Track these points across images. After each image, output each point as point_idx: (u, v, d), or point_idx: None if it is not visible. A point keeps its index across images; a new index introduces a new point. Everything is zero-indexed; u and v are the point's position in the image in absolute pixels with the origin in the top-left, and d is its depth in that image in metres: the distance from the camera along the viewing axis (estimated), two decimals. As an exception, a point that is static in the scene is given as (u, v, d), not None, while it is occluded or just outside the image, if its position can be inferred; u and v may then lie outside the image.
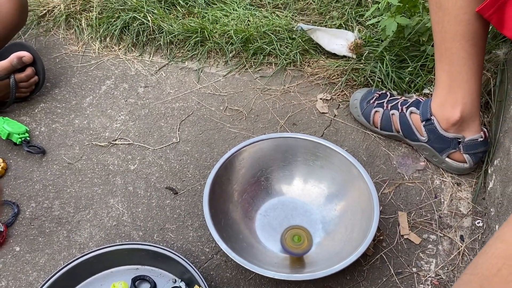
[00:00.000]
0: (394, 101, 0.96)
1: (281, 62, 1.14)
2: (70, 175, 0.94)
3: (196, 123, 1.03)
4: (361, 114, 0.99)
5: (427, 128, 0.89)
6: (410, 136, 0.93)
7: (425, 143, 0.91)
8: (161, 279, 0.77)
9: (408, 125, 0.92)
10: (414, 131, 0.91)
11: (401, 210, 0.87)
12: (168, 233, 0.85)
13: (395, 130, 0.95)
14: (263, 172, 0.88)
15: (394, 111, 0.94)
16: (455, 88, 0.84)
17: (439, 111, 0.87)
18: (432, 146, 0.90)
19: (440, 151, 0.90)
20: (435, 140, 0.89)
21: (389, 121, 0.95)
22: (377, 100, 0.98)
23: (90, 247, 0.83)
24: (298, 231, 0.77)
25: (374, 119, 0.97)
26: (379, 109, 0.96)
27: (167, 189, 0.91)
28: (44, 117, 1.05)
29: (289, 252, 0.76)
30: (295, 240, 0.76)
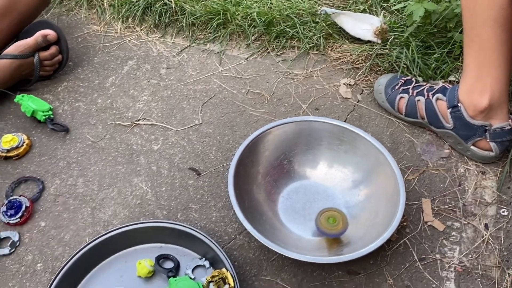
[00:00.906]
0: (420, 88, 0.94)
1: (304, 46, 1.13)
2: (93, 153, 0.94)
3: (218, 106, 1.03)
4: (386, 100, 0.98)
5: (453, 115, 0.88)
6: (435, 123, 0.92)
7: (451, 131, 0.90)
8: (185, 257, 0.78)
9: (434, 112, 0.91)
10: (440, 118, 0.90)
11: (425, 197, 0.87)
12: (191, 212, 0.85)
13: (420, 117, 0.94)
14: (286, 155, 0.88)
15: (420, 97, 0.93)
16: (484, 75, 0.83)
17: (466, 98, 0.86)
18: (458, 133, 0.89)
19: (465, 138, 0.89)
20: (461, 127, 0.88)
21: (414, 108, 0.94)
22: (402, 86, 0.97)
23: (114, 224, 0.83)
24: (333, 213, 0.77)
25: (399, 105, 0.96)
26: (405, 95, 0.95)
27: (190, 169, 0.91)
28: (67, 96, 1.05)
29: (323, 233, 0.76)
30: (330, 222, 0.76)
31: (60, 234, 0.83)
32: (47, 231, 0.83)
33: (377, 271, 0.78)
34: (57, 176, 0.91)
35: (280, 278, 0.77)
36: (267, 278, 0.77)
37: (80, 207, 0.86)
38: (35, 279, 0.77)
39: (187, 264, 0.77)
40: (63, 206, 0.86)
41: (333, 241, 0.79)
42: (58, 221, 0.84)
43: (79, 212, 0.86)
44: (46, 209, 0.86)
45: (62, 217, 0.85)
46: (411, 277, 0.77)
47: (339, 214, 0.78)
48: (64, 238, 0.82)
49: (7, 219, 0.83)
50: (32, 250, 0.81)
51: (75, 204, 0.87)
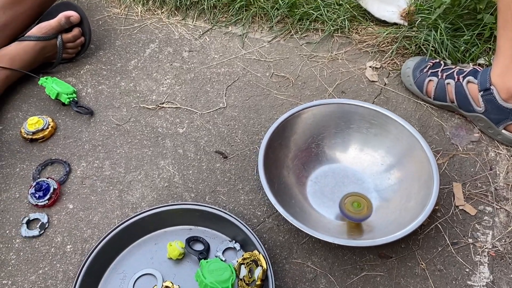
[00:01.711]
0: (449, 71, 0.93)
1: (328, 28, 1.11)
2: (119, 136, 0.94)
3: (242, 89, 1.02)
4: (414, 83, 0.96)
5: (485, 99, 0.86)
6: (465, 107, 0.90)
7: (481, 114, 0.88)
8: (214, 240, 0.78)
9: (464, 95, 0.89)
10: (471, 101, 0.88)
11: (456, 181, 0.85)
12: (219, 195, 0.84)
13: (449, 100, 0.92)
14: (314, 139, 0.87)
15: (450, 80, 0.91)
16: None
17: (499, 80, 0.84)
18: (489, 117, 0.87)
19: (496, 122, 0.87)
20: (492, 111, 0.86)
21: (443, 91, 0.92)
22: (431, 69, 0.95)
23: (142, 207, 0.83)
24: (358, 198, 0.76)
25: (428, 88, 0.94)
26: (433, 78, 0.93)
27: (217, 153, 0.91)
28: (90, 79, 1.04)
29: (348, 216, 0.75)
30: (355, 206, 0.75)
31: (88, 216, 0.82)
32: (75, 213, 0.83)
33: (409, 255, 0.77)
34: (83, 158, 0.90)
35: (310, 261, 0.77)
36: (297, 261, 0.77)
37: (108, 190, 0.86)
38: (65, 260, 0.77)
39: (218, 247, 0.77)
40: (91, 189, 0.86)
41: (354, 226, 0.78)
42: (86, 203, 0.84)
43: (106, 194, 0.85)
44: (73, 191, 0.86)
45: (89, 199, 0.85)
46: (443, 261, 0.76)
47: (365, 200, 0.77)
48: (92, 220, 0.82)
49: (35, 201, 0.82)
50: (61, 232, 0.81)
51: (102, 186, 0.86)
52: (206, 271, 0.70)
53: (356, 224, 0.78)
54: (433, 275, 0.75)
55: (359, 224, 0.79)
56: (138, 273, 0.74)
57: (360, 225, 0.78)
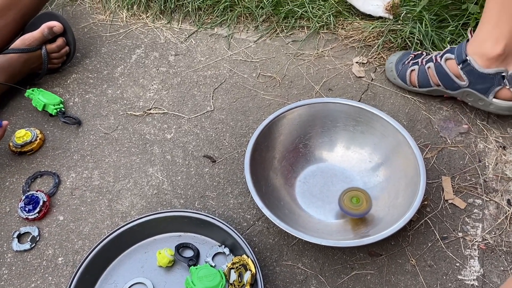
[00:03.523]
0: (429, 56, 0.92)
1: (314, 25, 1.10)
2: (107, 145, 0.94)
3: (230, 91, 1.02)
4: (397, 76, 0.95)
5: (465, 71, 0.85)
6: (450, 85, 0.89)
7: (468, 88, 0.87)
8: (204, 245, 0.78)
9: (445, 73, 0.88)
10: (453, 78, 0.88)
11: (445, 175, 0.85)
12: (208, 200, 0.85)
13: (434, 84, 0.91)
14: (301, 139, 0.87)
15: (429, 63, 0.91)
16: (504, 21, 0.79)
17: (478, 49, 0.83)
18: (475, 88, 0.86)
19: (484, 92, 0.85)
20: (476, 81, 0.85)
21: (425, 76, 0.91)
22: (412, 60, 0.94)
23: (132, 215, 0.83)
24: (357, 193, 0.76)
25: (411, 78, 0.94)
26: (415, 67, 0.93)
27: (205, 157, 0.91)
28: (77, 88, 1.04)
29: (347, 212, 0.75)
30: (354, 202, 0.75)
31: (79, 227, 0.83)
32: (65, 225, 0.83)
33: (399, 252, 0.77)
34: (72, 169, 0.91)
35: (301, 263, 0.77)
36: (288, 263, 0.77)
37: (97, 200, 0.86)
38: (57, 273, 0.78)
39: (207, 252, 0.77)
40: (80, 199, 0.86)
41: (358, 221, 0.78)
42: (76, 214, 0.84)
43: (96, 204, 0.85)
44: (63, 202, 0.86)
45: (79, 210, 0.85)
46: (433, 257, 0.76)
47: (363, 194, 0.77)
48: (83, 231, 0.82)
49: (25, 214, 0.83)
50: (52, 244, 0.81)
51: (92, 196, 0.87)
52: (196, 277, 0.71)
53: (360, 220, 0.78)
54: (424, 271, 0.75)
55: (363, 218, 0.78)
56: (129, 282, 0.74)
57: (364, 219, 0.78)
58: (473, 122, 0.92)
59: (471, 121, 0.92)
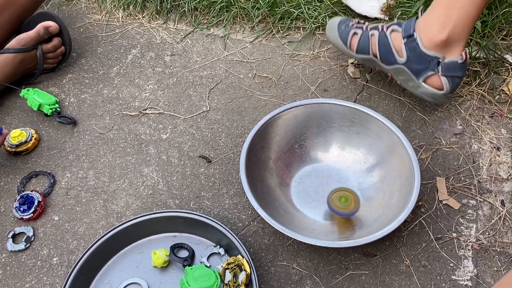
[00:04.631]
0: (375, 24, 0.92)
1: (310, 26, 1.11)
2: (102, 145, 0.94)
3: (225, 91, 1.02)
4: (338, 36, 0.94)
5: (408, 46, 0.85)
6: (387, 59, 0.89)
7: (403, 65, 0.87)
8: (199, 246, 0.78)
9: (387, 44, 0.88)
10: (393, 51, 0.87)
11: (439, 176, 0.85)
12: (204, 201, 0.85)
13: (371, 53, 0.90)
14: (297, 139, 0.87)
15: (374, 31, 0.90)
16: (453, 8, 0.80)
17: (425, 28, 0.83)
18: (410, 67, 0.86)
19: (417, 73, 0.86)
20: (414, 60, 0.85)
21: (367, 43, 0.90)
22: (357, 24, 0.94)
23: (127, 215, 0.83)
24: (345, 193, 0.77)
25: (352, 41, 0.93)
26: (358, 30, 0.92)
27: (201, 157, 0.91)
28: (73, 88, 1.04)
29: (335, 212, 0.76)
30: (342, 201, 0.76)
31: (74, 228, 0.83)
32: (60, 225, 0.83)
33: (393, 252, 0.77)
34: (68, 169, 0.90)
35: (296, 263, 0.77)
36: (283, 263, 0.77)
37: (92, 200, 0.86)
38: (51, 273, 0.77)
39: (202, 252, 0.77)
40: (75, 199, 0.86)
41: (344, 222, 0.78)
42: (71, 214, 0.84)
43: (91, 204, 0.85)
44: (58, 203, 0.86)
45: (74, 210, 0.85)
46: (428, 257, 0.76)
47: (352, 195, 0.77)
48: (78, 231, 0.82)
49: (20, 214, 0.83)
50: (47, 244, 0.81)
51: (87, 196, 0.86)
52: (191, 278, 0.71)
53: (346, 220, 0.79)
54: (418, 271, 0.75)
55: (349, 219, 0.79)
56: (124, 282, 0.74)
57: (351, 220, 0.78)
58: (468, 123, 0.92)
59: (466, 122, 0.92)
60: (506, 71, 0.98)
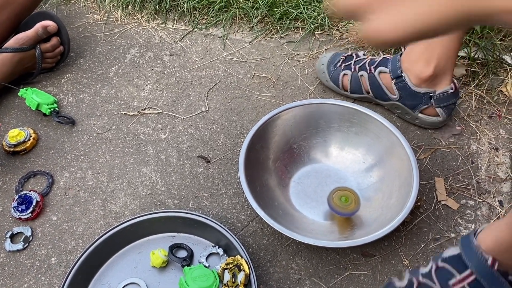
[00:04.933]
0: (361, 62, 0.94)
1: (309, 27, 1.11)
2: (101, 144, 0.94)
3: (224, 91, 1.02)
4: (330, 79, 0.97)
5: (398, 86, 0.87)
6: (381, 96, 0.92)
7: (397, 101, 0.90)
8: (198, 246, 0.78)
9: (378, 85, 0.90)
10: (385, 90, 0.90)
11: (438, 176, 0.85)
12: (203, 201, 0.85)
13: (365, 92, 0.93)
14: (296, 140, 0.87)
15: (363, 72, 0.92)
16: (435, 43, 0.82)
17: (411, 66, 0.85)
18: (404, 103, 0.89)
19: (412, 108, 0.89)
20: (406, 97, 0.88)
21: (358, 83, 0.93)
22: (344, 63, 0.96)
23: (126, 215, 0.83)
24: (346, 193, 0.77)
25: (343, 82, 0.95)
26: (347, 72, 0.94)
27: (199, 157, 0.91)
28: (71, 87, 1.04)
29: (335, 211, 0.76)
30: (343, 201, 0.76)
31: (72, 228, 0.82)
32: (59, 225, 0.83)
33: (392, 253, 0.77)
34: (66, 169, 0.90)
35: (295, 263, 0.77)
36: (282, 263, 0.77)
37: (91, 200, 0.86)
38: (50, 273, 0.77)
39: (201, 253, 0.77)
40: (74, 199, 0.86)
41: (344, 221, 0.78)
42: (69, 214, 0.84)
43: (90, 204, 0.85)
44: (56, 202, 0.86)
45: (73, 210, 0.85)
46: (426, 257, 0.76)
47: (352, 194, 0.77)
48: (76, 231, 0.82)
49: (18, 214, 0.82)
50: (45, 244, 0.81)
51: (85, 196, 0.86)
52: (189, 278, 0.71)
53: (346, 220, 0.79)
54: (417, 272, 0.75)
55: (349, 219, 0.79)
56: (122, 283, 0.74)
57: (350, 220, 0.78)
58: (466, 124, 0.92)
59: (464, 123, 0.93)
60: (504, 72, 0.99)
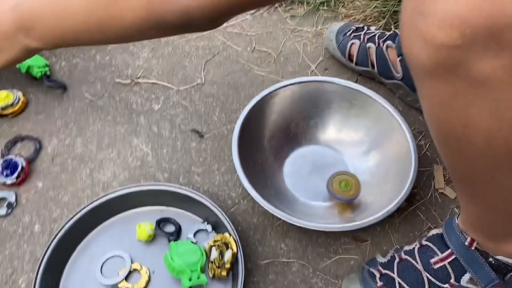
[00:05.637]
0: (371, 34, 0.90)
1: (314, 1, 1.07)
2: (92, 112, 0.90)
3: (222, 64, 0.98)
4: (337, 47, 0.93)
5: (402, 63, 0.84)
6: (385, 73, 0.88)
7: (400, 81, 0.86)
8: (187, 221, 0.76)
9: (385, 59, 0.87)
10: (391, 67, 0.86)
11: (437, 164, 0.83)
12: (194, 176, 0.82)
13: (370, 65, 0.90)
14: (293, 118, 0.84)
15: (371, 44, 0.89)
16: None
17: None
18: (407, 83, 0.86)
19: (414, 89, 0.84)
20: (410, 76, 0.83)
21: (365, 55, 0.90)
22: (354, 33, 0.92)
23: (113, 186, 0.81)
24: (346, 177, 0.75)
25: (350, 51, 0.92)
26: (356, 41, 0.91)
27: (193, 131, 0.88)
28: (64, 51, 1.00)
29: (334, 196, 0.74)
30: (342, 186, 0.74)
31: (58, 196, 0.80)
32: (44, 192, 0.81)
33: (384, 239, 0.76)
34: (55, 135, 0.87)
35: (284, 244, 0.75)
36: (271, 243, 0.75)
37: (79, 168, 0.83)
38: (32, 240, 0.75)
39: (189, 228, 0.75)
40: (61, 167, 0.83)
41: (346, 205, 0.76)
42: (56, 182, 0.82)
43: (77, 173, 0.83)
44: (43, 169, 0.83)
45: (60, 178, 0.82)
46: (419, 246, 0.75)
47: (352, 179, 0.75)
48: (62, 200, 0.80)
49: (3, 179, 0.80)
50: (29, 211, 0.78)
51: (73, 164, 0.84)
52: (175, 253, 0.69)
53: (347, 204, 0.77)
54: (408, 260, 0.73)
55: (349, 205, 0.77)
56: (106, 254, 0.72)
57: (351, 204, 0.76)
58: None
59: (468, 110, 0.90)
60: None
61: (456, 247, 0.61)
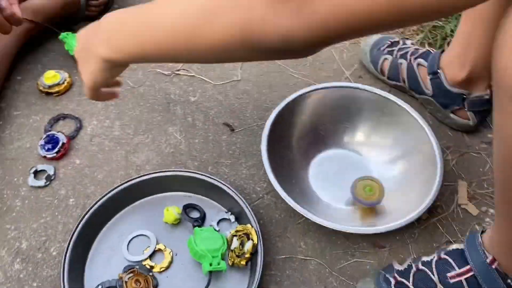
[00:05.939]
0: (404, 50, 0.92)
1: (354, 11, 1.08)
2: (132, 98, 0.95)
3: (259, 64, 1.01)
4: (370, 62, 0.96)
5: (433, 82, 0.85)
6: (416, 89, 0.90)
7: (430, 97, 0.88)
8: (211, 209, 0.79)
9: (415, 76, 0.89)
10: (421, 83, 0.88)
11: (462, 179, 0.84)
12: (222, 167, 0.85)
13: (401, 80, 0.92)
14: (323, 121, 0.86)
15: (402, 60, 0.91)
16: (472, 48, 0.79)
17: (447, 65, 0.83)
18: (437, 101, 0.87)
19: (444, 106, 0.87)
20: (440, 94, 0.86)
21: (396, 70, 0.92)
22: (388, 48, 0.94)
23: (146, 169, 0.85)
24: (371, 183, 0.76)
25: (382, 66, 0.94)
26: (389, 56, 0.93)
27: (224, 125, 0.91)
28: (110, 39, 1.05)
29: (357, 200, 0.75)
30: (367, 190, 0.75)
31: (93, 173, 0.85)
32: (81, 169, 0.85)
33: (402, 247, 0.77)
34: (95, 116, 0.92)
35: (303, 242, 0.77)
36: (290, 240, 0.77)
37: (115, 149, 0.88)
38: (66, 213, 0.80)
39: (213, 216, 0.78)
40: (99, 147, 0.88)
41: (368, 211, 0.78)
42: (92, 160, 0.86)
43: (113, 154, 0.87)
44: (82, 147, 0.88)
45: (96, 157, 0.87)
46: (437, 258, 0.75)
47: (377, 184, 0.76)
48: (97, 177, 0.84)
49: (44, 152, 0.85)
50: (65, 185, 0.83)
51: (110, 145, 0.88)
52: (199, 238, 0.72)
53: (369, 209, 0.78)
54: (424, 270, 0.74)
55: (372, 209, 0.78)
56: (133, 232, 0.76)
57: (373, 209, 0.78)
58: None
59: (499, 130, 0.90)
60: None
61: (476, 264, 0.61)
